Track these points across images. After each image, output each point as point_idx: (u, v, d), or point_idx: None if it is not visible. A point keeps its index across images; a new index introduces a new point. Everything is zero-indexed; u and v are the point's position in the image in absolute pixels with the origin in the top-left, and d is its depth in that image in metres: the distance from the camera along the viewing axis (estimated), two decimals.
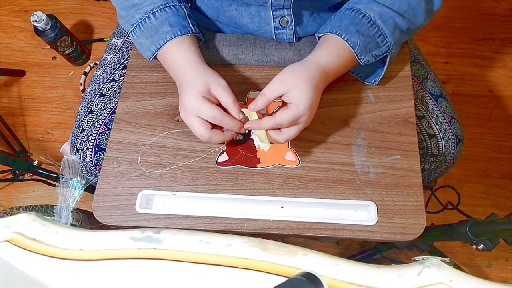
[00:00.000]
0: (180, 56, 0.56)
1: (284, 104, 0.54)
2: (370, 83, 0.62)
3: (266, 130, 0.53)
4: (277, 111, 0.53)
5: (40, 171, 0.98)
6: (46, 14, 1.19)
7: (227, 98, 0.53)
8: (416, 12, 0.56)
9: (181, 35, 0.57)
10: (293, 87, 0.51)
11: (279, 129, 0.53)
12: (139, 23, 0.58)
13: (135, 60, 0.67)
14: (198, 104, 0.52)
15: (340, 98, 0.62)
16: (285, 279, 0.32)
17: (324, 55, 0.55)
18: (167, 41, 0.56)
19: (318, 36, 0.59)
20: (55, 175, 1.01)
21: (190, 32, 0.58)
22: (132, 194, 0.57)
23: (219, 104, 0.54)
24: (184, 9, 0.59)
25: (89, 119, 0.69)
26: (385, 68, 0.60)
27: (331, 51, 0.56)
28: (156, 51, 0.57)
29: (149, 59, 0.59)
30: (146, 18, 0.57)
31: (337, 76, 0.58)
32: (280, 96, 0.53)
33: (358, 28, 0.55)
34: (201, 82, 0.53)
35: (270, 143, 0.55)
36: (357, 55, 0.55)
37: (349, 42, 0.54)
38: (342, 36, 0.55)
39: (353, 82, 0.63)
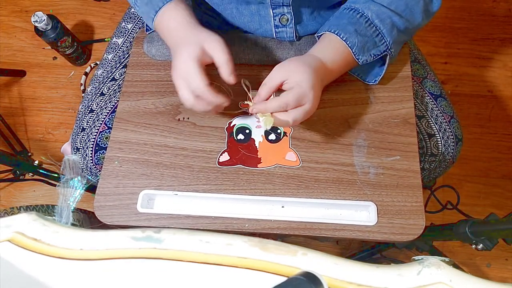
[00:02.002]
0: (174, 18, 0.55)
1: None
2: (371, 82, 0.62)
3: (272, 114, 0.52)
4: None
5: (40, 171, 0.98)
6: (46, 15, 1.19)
7: (220, 55, 0.51)
8: (413, 11, 0.57)
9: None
10: (293, 72, 0.51)
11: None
12: None
13: (135, 59, 0.67)
14: (187, 67, 0.50)
15: (341, 99, 0.62)
16: (285, 278, 0.32)
17: (322, 51, 0.56)
18: (167, 2, 0.55)
19: (317, 36, 0.59)
20: (56, 175, 1.01)
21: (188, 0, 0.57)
22: (134, 194, 0.57)
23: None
24: None
25: (90, 118, 0.69)
26: (385, 67, 0.60)
27: (330, 49, 0.56)
28: (155, 15, 0.56)
29: (152, 27, 0.58)
30: None
31: (336, 75, 0.58)
32: (281, 85, 0.52)
33: (356, 27, 0.55)
34: (194, 42, 0.51)
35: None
36: (355, 54, 0.56)
37: (347, 42, 0.55)
38: (341, 36, 0.55)
39: (353, 82, 0.63)
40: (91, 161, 0.67)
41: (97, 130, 0.67)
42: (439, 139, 0.67)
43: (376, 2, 0.56)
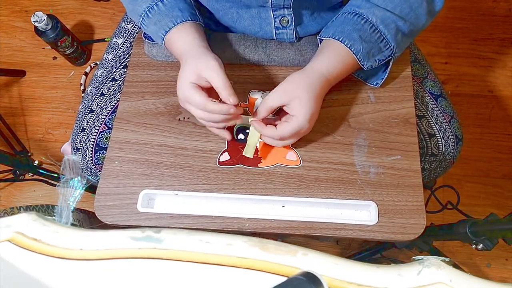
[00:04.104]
0: (183, 41, 0.57)
1: (284, 112, 0.55)
2: (373, 85, 0.62)
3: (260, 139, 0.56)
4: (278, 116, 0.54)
5: (40, 171, 0.98)
6: (46, 15, 1.19)
7: (218, 81, 0.52)
8: (417, 14, 0.56)
9: (191, 20, 0.58)
10: (295, 98, 0.52)
11: None
12: (148, 11, 0.58)
13: (136, 59, 0.67)
14: (186, 92, 0.52)
15: (341, 98, 0.62)
16: (285, 278, 0.32)
17: (326, 62, 0.56)
18: (177, 23, 0.57)
19: (319, 38, 0.59)
20: (56, 175, 1.01)
21: (198, 20, 0.59)
22: (134, 194, 0.57)
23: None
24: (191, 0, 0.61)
25: (90, 119, 0.69)
26: (387, 71, 0.60)
27: (334, 58, 0.56)
28: (165, 34, 0.57)
29: (162, 44, 0.59)
30: (154, 5, 0.58)
31: (339, 80, 0.58)
32: (282, 106, 0.54)
33: (361, 34, 0.55)
34: (191, 68, 0.53)
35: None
36: (360, 61, 0.56)
37: (352, 49, 0.55)
38: (345, 43, 0.55)
39: (354, 82, 0.63)
40: (91, 161, 0.67)
41: (97, 131, 0.67)
42: (440, 139, 0.67)
43: (380, 7, 0.55)
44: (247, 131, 0.61)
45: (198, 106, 0.52)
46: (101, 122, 0.68)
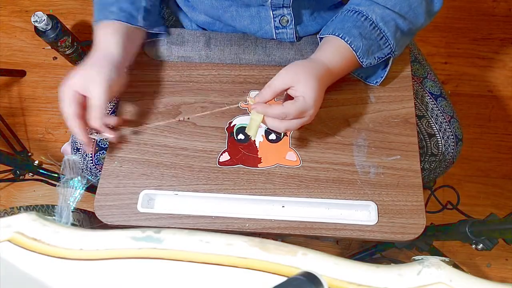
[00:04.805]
0: (104, 40, 0.57)
1: (290, 98, 0.54)
2: (372, 83, 0.62)
3: (263, 121, 0.53)
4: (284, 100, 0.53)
5: (40, 171, 0.98)
6: (46, 15, 1.19)
7: (95, 100, 0.53)
8: (416, 13, 0.57)
9: (123, 22, 0.58)
10: (300, 80, 0.51)
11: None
12: None
13: (136, 59, 0.67)
14: (64, 95, 0.53)
15: (341, 98, 0.62)
16: (285, 278, 0.32)
17: (327, 55, 0.56)
18: (105, 19, 0.58)
19: (319, 37, 0.59)
20: (56, 175, 1.01)
21: (134, 23, 0.59)
22: (134, 194, 0.57)
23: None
24: (143, 1, 0.61)
25: None
26: (387, 69, 0.60)
27: (334, 52, 0.56)
28: (96, 23, 0.58)
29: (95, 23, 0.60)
30: None
31: (339, 77, 0.58)
32: (286, 89, 0.52)
33: (361, 31, 0.55)
34: (83, 74, 0.54)
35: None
36: (359, 58, 0.56)
37: (352, 45, 0.55)
38: (345, 39, 0.55)
39: (354, 82, 0.63)
40: (91, 161, 0.67)
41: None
42: (439, 139, 0.67)
43: (380, 5, 0.55)
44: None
45: (63, 112, 0.53)
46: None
